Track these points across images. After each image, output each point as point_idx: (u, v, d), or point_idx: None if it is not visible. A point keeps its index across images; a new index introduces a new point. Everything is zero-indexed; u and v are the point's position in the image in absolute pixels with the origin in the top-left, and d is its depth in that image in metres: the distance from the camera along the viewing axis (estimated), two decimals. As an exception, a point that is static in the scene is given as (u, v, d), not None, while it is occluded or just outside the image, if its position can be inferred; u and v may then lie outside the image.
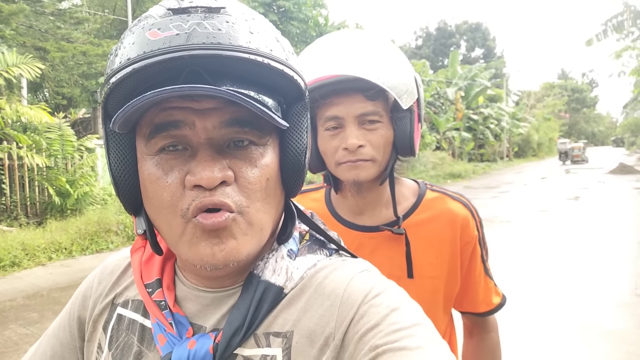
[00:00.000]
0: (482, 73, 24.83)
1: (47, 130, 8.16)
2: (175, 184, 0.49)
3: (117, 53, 0.49)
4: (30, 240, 6.49)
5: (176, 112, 0.48)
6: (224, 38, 0.46)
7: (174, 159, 0.49)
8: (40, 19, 11.97)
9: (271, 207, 0.53)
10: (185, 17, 0.47)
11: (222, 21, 0.47)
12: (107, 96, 0.49)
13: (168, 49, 0.45)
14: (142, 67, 0.45)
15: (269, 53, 0.48)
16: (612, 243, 6.97)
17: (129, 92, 0.48)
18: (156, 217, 0.52)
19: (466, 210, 1.02)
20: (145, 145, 0.50)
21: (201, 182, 0.47)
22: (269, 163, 0.52)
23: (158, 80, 0.47)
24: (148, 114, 0.49)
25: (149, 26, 0.47)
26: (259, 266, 0.55)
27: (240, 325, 0.52)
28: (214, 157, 0.48)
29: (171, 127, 0.48)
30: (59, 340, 0.65)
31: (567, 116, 54.10)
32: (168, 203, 0.49)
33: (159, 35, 0.46)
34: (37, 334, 3.93)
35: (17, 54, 7.92)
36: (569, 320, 4.05)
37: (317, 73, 0.90)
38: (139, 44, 0.46)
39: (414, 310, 0.51)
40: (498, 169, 24.58)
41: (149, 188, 0.50)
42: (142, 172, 0.51)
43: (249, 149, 0.50)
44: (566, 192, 13.69)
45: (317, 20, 19.07)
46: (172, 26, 0.46)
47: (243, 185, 0.50)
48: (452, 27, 56.02)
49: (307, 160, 0.55)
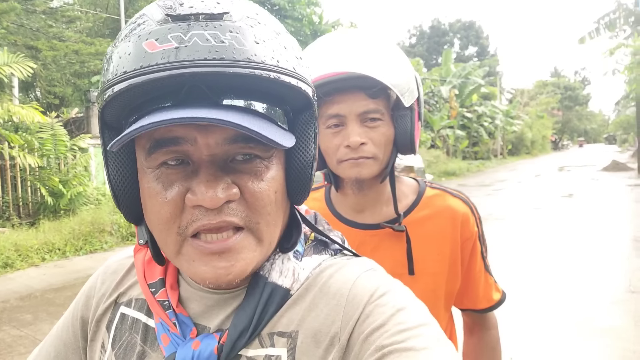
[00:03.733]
0: (476, 71, 24.94)
1: (39, 130, 8.09)
2: (175, 200, 0.47)
3: (112, 61, 0.46)
4: (23, 241, 6.43)
5: (177, 128, 0.46)
6: (227, 52, 0.43)
7: (175, 173, 0.47)
8: (32, 17, 11.86)
9: (279, 219, 0.52)
10: (184, 27, 0.43)
11: (225, 30, 0.44)
12: (103, 107, 0.47)
13: (167, 65, 0.42)
14: (138, 83, 0.43)
15: (275, 66, 0.45)
16: (606, 240, 7.02)
17: (126, 103, 0.46)
18: (153, 231, 0.51)
19: (466, 206, 1.02)
20: (145, 158, 0.48)
21: (204, 203, 0.45)
22: (275, 176, 0.50)
23: (157, 94, 0.45)
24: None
25: (145, 34, 0.44)
26: (266, 267, 0.54)
27: (246, 327, 0.51)
28: (216, 175, 0.46)
29: (172, 144, 0.46)
30: (62, 341, 0.65)
31: (560, 114, 54.48)
32: (165, 219, 0.48)
33: (157, 47, 0.43)
34: (30, 336, 3.89)
35: (8, 53, 7.84)
36: (564, 317, 4.08)
37: (320, 71, 0.90)
38: (135, 56, 0.43)
39: (419, 310, 0.50)
40: (492, 166, 24.72)
41: (148, 202, 0.49)
42: (142, 184, 0.50)
43: (254, 163, 0.48)
44: (560, 189, 13.79)
45: (311, 18, 19.06)
46: (171, 37, 0.43)
47: (251, 201, 0.48)
48: (446, 25, 56.23)
49: (313, 172, 0.54)
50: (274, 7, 17.85)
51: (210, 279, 0.48)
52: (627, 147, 43.70)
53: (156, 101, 0.45)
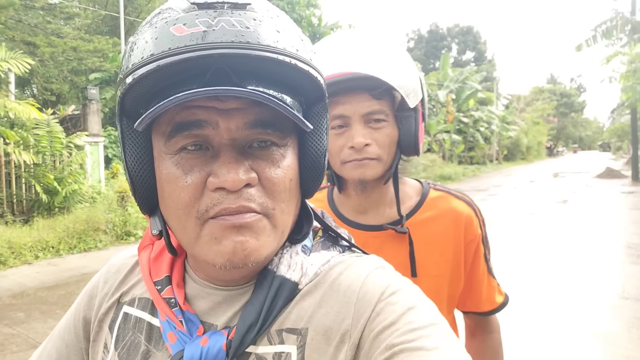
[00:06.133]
0: (473, 76, 25.03)
1: (35, 127, 8.04)
2: (195, 185, 0.48)
3: (136, 47, 0.47)
4: (17, 238, 6.38)
5: (200, 112, 0.47)
6: (252, 37, 0.44)
7: (194, 158, 0.48)
8: (30, 13, 11.81)
9: (292, 208, 0.53)
10: (211, 13, 0.45)
11: (249, 18, 0.45)
12: (125, 92, 0.47)
13: (195, 47, 0.43)
14: (167, 64, 0.43)
15: (295, 53, 0.47)
16: (600, 246, 7.06)
17: (149, 88, 0.46)
18: (170, 218, 0.51)
19: (469, 208, 1.02)
20: (164, 144, 0.49)
21: (226, 184, 0.46)
22: (290, 164, 0.51)
23: (181, 78, 0.45)
24: (169, 111, 0.47)
25: (173, 20, 0.45)
26: (274, 261, 0.54)
27: (254, 321, 0.50)
28: (237, 158, 0.47)
29: (193, 127, 0.47)
30: (64, 342, 0.64)
31: (556, 120, 54.77)
32: (185, 204, 0.48)
33: (185, 31, 0.44)
34: (23, 334, 3.86)
35: (6, 48, 7.80)
36: (558, 322, 4.09)
37: (326, 71, 0.90)
38: (162, 39, 0.44)
39: (430, 310, 0.50)
40: (487, 171, 24.80)
41: (166, 188, 0.49)
42: (160, 171, 0.50)
43: (270, 150, 0.49)
44: (554, 195, 13.85)
45: (310, 20, 19.09)
46: (199, 22, 0.44)
47: (267, 186, 0.49)
48: (444, 30, 56.47)
49: (326, 161, 0.55)
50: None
51: (227, 253, 0.48)
52: (621, 155, 44.03)
53: (179, 85, 0.45)
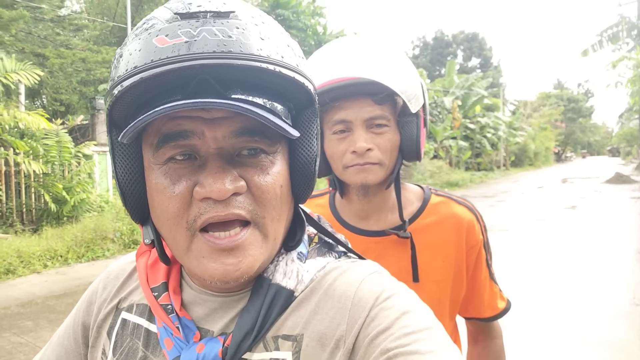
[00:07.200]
0: (479, 82, 24.98)
1: (44, 137, 8.13)
2: (182, 195, 0.48)
3: (122, 59, 0.47)
4: (26, 247, 6.43)
5: (185, 122, 0.47)
6: (234, 46, 0.44)
7: (182, 168, 0.48)
8: (40, 25, 12.01)
9: (284, 215, 0.52)
10: (193, 23, 0.45)
11: (232, 27, 0.45)
12: (112, 104, 0.47)
13: (177, 58, 0.43)
14: (150, 76, 0.43)
15: (280, 60, 0.47)
16: (610, 252, 6.97)
17: (135, 99, 0.47)
18: (161, 228, 0.51)
19: (471, 214, 1.02)
20: (153, 154, 0.49)
21: (212, 194, 0.46)
22: (280, 170, 0.51)
23: (166, 89, 0.46)
24: (155, 122, 0.48)
25: (155, 32, 0.45)
26: (269, 269, 0.54)
27: (250, 329, 0.51)
28: (224, 167, 0.47)
29: (180, 137, 0.47)
30: (64, 348, 0.64)
31: (564, 126, 54.44)
32: (173, 214, 0.48)
33: (167, 42, 0.44)
34: (31, 343, 3.88)
35: (16, 60, 7.92)
36: (567, 329, 4.03)
37: (328, 76, 0.91)
38: (145, 51, 0.44)
39: (425, 314, 0.50)
40: (495, 178, 24.65)
41: (156, 198, 0.49)
42: (149, 181, 0.50)
43: (259, 157, 0.49)
44: (563, 201, 13.73)
45: (315, 29, 19.22)
46: (181, 32, 0.44)
47: (257, 194, 0.49)
48: (449, 36, 56.51)
49: (316, 167, 0.55)
50: (279, 17, 18.01)
51: (219, 275, 0.48)
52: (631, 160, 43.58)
53: (165, 95, 0.46)
